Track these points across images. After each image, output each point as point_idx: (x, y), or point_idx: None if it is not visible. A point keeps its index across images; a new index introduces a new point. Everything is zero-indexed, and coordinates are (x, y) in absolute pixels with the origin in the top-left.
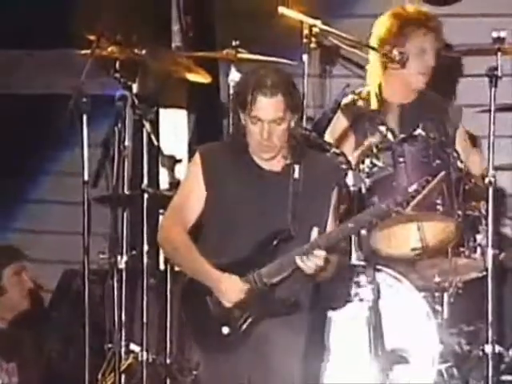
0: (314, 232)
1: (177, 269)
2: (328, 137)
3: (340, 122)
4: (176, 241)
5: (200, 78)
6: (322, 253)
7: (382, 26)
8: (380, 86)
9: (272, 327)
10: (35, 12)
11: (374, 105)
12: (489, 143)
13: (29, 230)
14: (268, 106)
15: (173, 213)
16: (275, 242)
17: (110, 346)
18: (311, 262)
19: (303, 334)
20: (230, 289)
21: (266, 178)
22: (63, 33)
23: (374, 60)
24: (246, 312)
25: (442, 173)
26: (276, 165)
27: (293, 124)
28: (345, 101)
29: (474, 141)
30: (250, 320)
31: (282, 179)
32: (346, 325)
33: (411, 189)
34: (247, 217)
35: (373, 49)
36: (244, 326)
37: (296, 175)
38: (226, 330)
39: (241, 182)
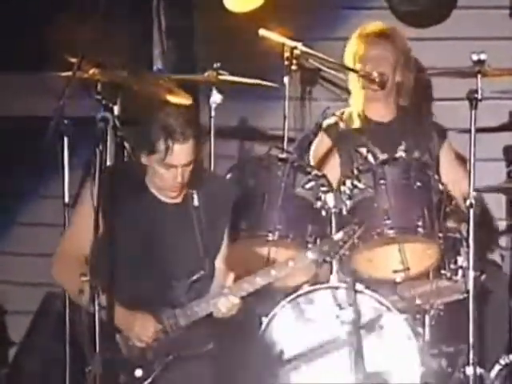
0: (230, 278)
1: None
2: (311, 158)
3: (323, 143)
4: (67, 271)
5: (181, 99)
6: (235, 300)
7: (347, 48)
8: (363, 106)
9: (183, 371)
10: (14, 35)
11: (356, 125)
12: (469, 165)
13: (9, 252)
14: (181, 152)
15: (65, 242)
16: (189, 281)
17: (90, 368)
18: (225, 308)
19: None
20: (144, 328)
21: (166, 210)
22: (43, 55)
23: (352, 80)
24: (160, 354)
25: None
26: (176, 196)
27: None
28: (327, 122)
29: (461, 159)
30: (164, 362)
31: (184, 210)
32: (327, 348)
33: (336, 237)
34: (153, 253)
35: (353, 71)
36: (158, 369)
37: (195, 203)
38: (139, 372)
39: (139, 213)
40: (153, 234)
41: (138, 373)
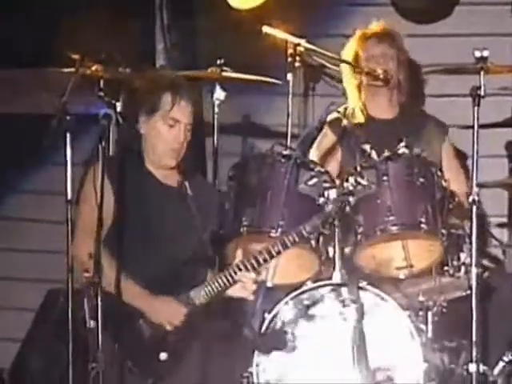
0: (239, 253)
1: None
2: (314, 153)
3: (327, 138)
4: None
5: None
6: (250, 275)
7: (347, 49)
8: (364, 102)
9: (209, 349)
10: (17, 31)
11: (358, 121)
12: (472, 162)
13: (12, 248)
14: (186, 109)
15: (82, 232)
16: (193, 263)
17: (93, 365)
18: (249, 284)
19: (240, 351)
20: (174, 311)
21: (167, 192)
22: (45, 52)
23: (349, 78)
24: (182, 336)
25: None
26: (172, 180)
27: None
28: (331, 117)
29: (462, 158)
30: (187, 344)
31: (181, 195)
32: (331, 343)
33: (328, 209)
34: (161, 233)
35: (356, 67)
36: (182, 351)
37: (189, 192)
38: (163, 356)
39: (146, 196)
40: (157, 216)
41: (163, 356)
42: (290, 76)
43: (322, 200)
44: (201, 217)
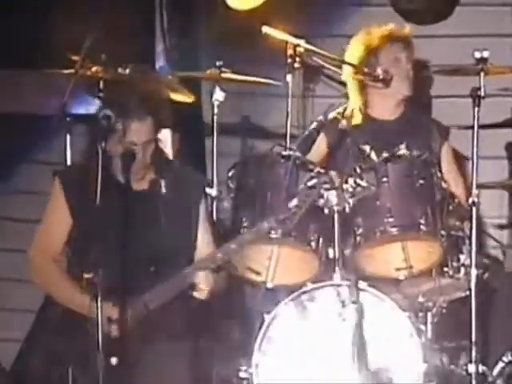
0: (197, 253)
1: None
2: (311, 156)
3: (321, 142)
4: (45, 272)
5: (184, 97)
6: (209, 274)
7: (353, 48)
8: (365, 103)
9: (158, 353)
10: (16, 31)
11: (357, 122)
12: (472, 163)
13: (13, 249)
14: (139, 130)
15: (38, 242)
16: (153, 268)
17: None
18: (203, 284)
19: (188, 357)
20: (111, 318)
21: (134, 198)
22: (45, 53)
23: (350, 78)
24: (132, 340)
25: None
26: (142, 183)
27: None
28: (329, 118)
29: (462, 161)
30: (137, 348)
31: (150, 196)
32: (330, 344)
33: (291, 204)
34: (121, 241)
35: (357, 68)
36: (132, 355)
37: (163, 190)
38: (114, 360)
39: (109, 205)
40: (120, 222)
41: (113, 361)
42: (289, 77)
43: (321, 201)
44: (179, 215)
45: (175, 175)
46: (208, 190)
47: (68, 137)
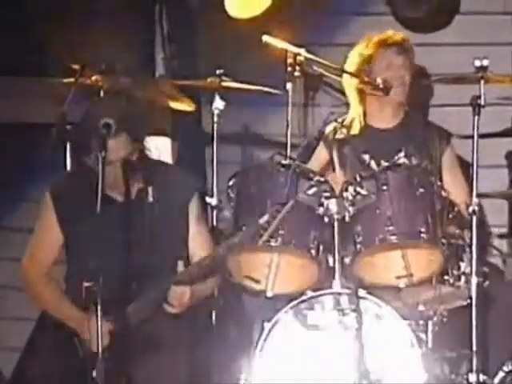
0: (180, 266)
1: None
2: (311, 165)
3: (320, 152)
4: (36, 283)
5: (183, 106)
6: (185, 289)
7: (351, 58)
8: (364, 112)
9: (143, 366)
10: (17, 40)
11: (356, 131)
12: (472, 172)
13: (14, 258)
14: (116, 147)
15: (30, 254)
16: (137, 281)
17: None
18: (175, 300)
19: (176, 369)
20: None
21: (120, 210)
22: (46, 62)
23: (350, 87)
24: (116, 353)
25: (291, 202)
26: (129, 193)
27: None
28: (327, 130)
29: (465, 167)
30: (120, 362)
31: (136, 207)
32: (330, 352)
33: (262, 220)
34: (109, 253)
35: (357, 77)
36: (115, 369)
37: (150, 199)
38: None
39: (98, 218)
40: (105, 234)
41: (95, 374)
42: (289, 86)
43: (321, 210)
44: (167, 221)
45: (163, 178)
46: (208, 199)
47: (68, 145)
